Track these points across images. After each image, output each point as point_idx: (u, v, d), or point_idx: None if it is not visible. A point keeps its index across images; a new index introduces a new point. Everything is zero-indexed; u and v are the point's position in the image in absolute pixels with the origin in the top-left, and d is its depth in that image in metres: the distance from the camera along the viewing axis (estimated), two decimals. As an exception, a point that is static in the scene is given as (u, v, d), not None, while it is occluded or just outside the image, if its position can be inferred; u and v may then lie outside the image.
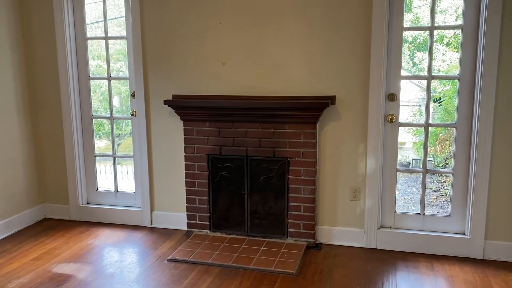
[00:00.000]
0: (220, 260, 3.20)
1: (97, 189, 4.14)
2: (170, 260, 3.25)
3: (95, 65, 4.83)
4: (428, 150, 3.57)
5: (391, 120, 3.32)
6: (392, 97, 3.30)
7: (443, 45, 6.13)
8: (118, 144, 6.12)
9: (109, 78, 3.96)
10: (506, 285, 2.85)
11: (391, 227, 3.46)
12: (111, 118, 4.04)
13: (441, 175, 6.19)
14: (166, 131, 3.77)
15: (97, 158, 4.16)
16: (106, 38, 3.87)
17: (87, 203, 4.15)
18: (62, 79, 3.88)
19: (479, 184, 3.16)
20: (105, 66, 3.99)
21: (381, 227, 3.45)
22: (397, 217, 3.45)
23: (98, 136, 5.60)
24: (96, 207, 4.08)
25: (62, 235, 3.79)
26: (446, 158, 6.04)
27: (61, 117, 3.97)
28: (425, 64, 3.31)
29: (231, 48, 3.51)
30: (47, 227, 3.98)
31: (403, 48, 3.26)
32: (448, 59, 6.20)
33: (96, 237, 3.74)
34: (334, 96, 3.33)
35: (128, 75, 3.87)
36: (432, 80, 3.30)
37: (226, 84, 3.56)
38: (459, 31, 3.13)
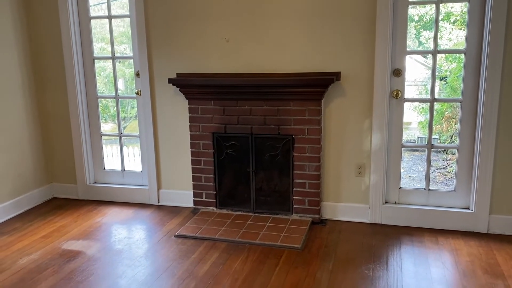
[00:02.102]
0: (227, 236, 3.24)
1: (104, 169, 4.19)
2: (178, 236, 3.30)
3: (99, 47, 4.81)
4: (434, 128, 3.57)
5: (397, 96, 3.31)
6: (398, 73, 3.28)
7: (449, 23, 6.05)
8: (124, 127, 6.15)
9: (113, 58, 3.95)
10: (510, 258, 2.88)
11: (396, 202, 3.48)
12: (116, 97, 4.06)
13: (446, 153, 6.18)
14: (171, 109, 3.78)
15: (103, 140, 4.19)
16: (110, 17, 3.86)
17: (95, 182, 4.20)
18: (67, 59, 3.89)
19: (484, 158, 3.16)
20: (109, 49, 3.99)
21: (386, 202, 3.47)
22: (402, 192, 3.46)
23: (103, 119, 5.62)
24: (103, 186, 4.13)
25: (70, 213, 3.85)
26: (452, 136, 6.02)
27: (66, 97, 4.00)
28: (431, 43, 3.28)
29: (235, 25, 3.49)
30: (56, 206, 4.05)
31: (409, 27, 3.23)
32: (454, 37, 6.13)
33: (104, 215, 3.79)
34: (339, 72, 3.32)
35: (132, 55, 3.86)
36: (438, 58, 3.27)
37: (230, 62, 3.55)
38: (466, 9, 3.09)
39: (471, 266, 2.79)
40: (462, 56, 3.21)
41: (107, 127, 5.91)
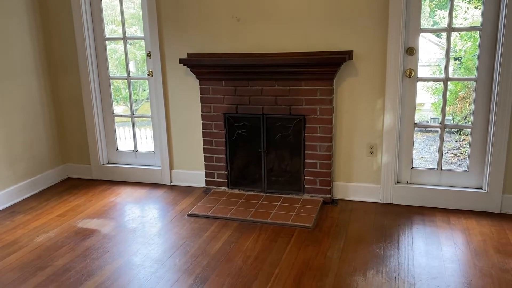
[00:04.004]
0: (239, 215, 3.28)
1: (117, 149, 4.24)
2: (190, 215, 3.35)
3: (110, 30, 4.81)
4: (447, 109, 3.52)
5: (410, 75, 3.27)
6: (411, 51, 3.24)
7: (465, 2, 5.91)
8: (136, 110, 6.19)
9: (124, 38, 3.96)
10: (523, 237, 2.87)
11: (407, 182, 3.47)
12: (128, 78, 4.07)
13: (460, 134, 6.12)
14: (182, 90, 3.79)
15: (116, 123, 4.22)
16: (121, -3, 3.86)
17: (108, 163, 4.25)
18: (79, 40, 3.91)
19: (498, 138, 3.12)
20: (120, 31, 3.99)
21: (397, 182, 3.47)
22: (414, 172, 3.45)
23: (115, 101, 5.66)
24: (117, 167, 4.18)
25: (85, 193, 3.91)
26: (466, 117, 5.94)
27: (79, 78, 4.02)
28: (445, 22, 3.21)
29: (246, 5, 3.45)
30: (70, 186, 4.12)
31: (423, 5, 3.16)
32: (470, 17, 6.00)
33: (118, 195, 3.85)
34: (352, 51, 3.28)
35: (143, 36, 3.86)
36: (453, 38, 3.21)
37: (241, 41, 3.53)
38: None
39: (483, 245, 2.79)
40: (478, 35, 3.14)
41: (119, 109, 5.95)
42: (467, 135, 5.81)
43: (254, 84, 3.50)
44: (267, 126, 3.57)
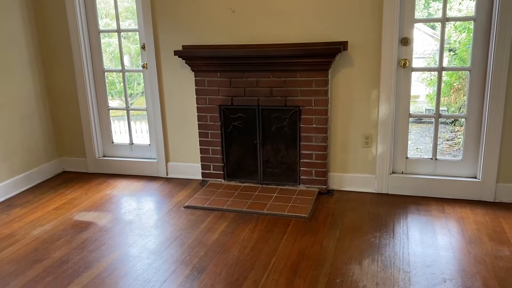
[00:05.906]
0: (235, 206, 3.29)
1: (113, 142, 4.23)
2: (187, 207, 3.35)
3: (104, 23, 4.78)
4: (442, 100, 3.53)
5: (404, 65, 3.28)
6: (405, 41, 3.24)
7: (460, -6, 5.93)
8: (131, 104, 6.16)
9: (118, 31, 3.94)
10: (517, 225, 2.90)
11: (402, 172, 3.49)
12: (123, 71, 4.06)
13: (454, 124, 6.15)
14: (177, 82, 3.78)
15: (111, 117, 4.21)
16: (114, -11, 3.84)
17: (104, 156, 4.25)
18: (72, 33, 3.88)
19: (492, 127, 3.14)
20: (114, 24, 3.98)
21: (392, 172, 3.49)
22: (409, 162, 3.47)
23: (110, 95, 5.63)
24: (112, 160, 4.18)
25: (80, 186, 3.91)
26: (460, 108, 5.97)
27: (73, 71, 4.00)
28: (440, 14, 3.22)
29: (241, -4, 3.45)
30: (66, 179, 4.11)
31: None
32: (464, 8, 6.02)
33: (114, 187, 3.85)
34: (346, 42, 3.29)
35: (137, 28, 3.84)
36: (447, 30, 3.22)
37: (236, 33, 3.52)
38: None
39: (477, 233, 2.82)
40: (472, 25, 3.15)
41: (114, 104, 5.92)
42: (461, 126, 5.84)
43: (249, 76, 3.49)
44: (262, 117, 3.57)
